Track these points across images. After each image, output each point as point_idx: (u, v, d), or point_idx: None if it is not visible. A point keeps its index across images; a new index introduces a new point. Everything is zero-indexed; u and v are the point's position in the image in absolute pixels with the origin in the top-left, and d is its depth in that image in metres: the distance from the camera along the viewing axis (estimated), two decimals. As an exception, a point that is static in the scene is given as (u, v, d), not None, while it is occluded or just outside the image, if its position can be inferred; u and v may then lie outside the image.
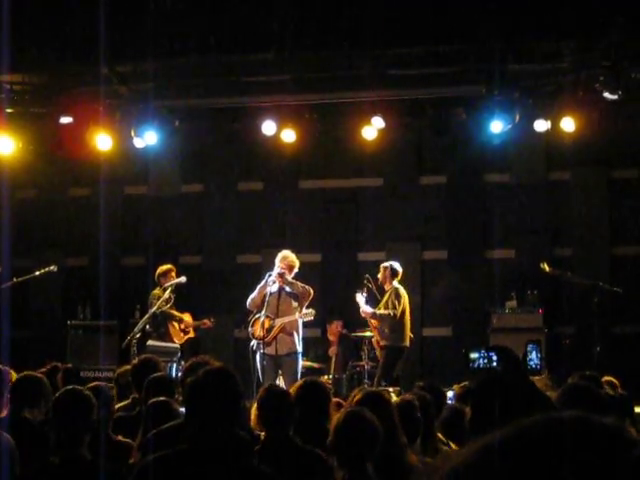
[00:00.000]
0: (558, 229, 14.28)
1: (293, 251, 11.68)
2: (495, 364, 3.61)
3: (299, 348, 11.28)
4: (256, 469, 3.71)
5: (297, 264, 11.47)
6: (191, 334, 12.62)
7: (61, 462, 4.42)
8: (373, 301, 11.97)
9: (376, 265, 12.45)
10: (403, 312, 11.82)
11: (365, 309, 11.89)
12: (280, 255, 11.49)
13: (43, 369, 7.14)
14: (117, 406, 7.19)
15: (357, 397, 4.89)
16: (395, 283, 11.91)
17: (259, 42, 11.91)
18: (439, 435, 5.79)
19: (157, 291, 12.22)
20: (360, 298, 11.93)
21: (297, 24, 11.70)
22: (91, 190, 14.83)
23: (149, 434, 4.87)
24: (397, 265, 12.06)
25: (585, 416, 1.12)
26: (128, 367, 7.62)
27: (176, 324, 12.40)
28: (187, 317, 12.63)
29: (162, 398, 5.16)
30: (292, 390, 5.41)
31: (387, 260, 12.51)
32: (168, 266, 12.46)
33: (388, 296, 11.86)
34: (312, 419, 5.15)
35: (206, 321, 12.79)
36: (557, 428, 1.11)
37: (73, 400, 4.61)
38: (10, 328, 10.69)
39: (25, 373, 6.22)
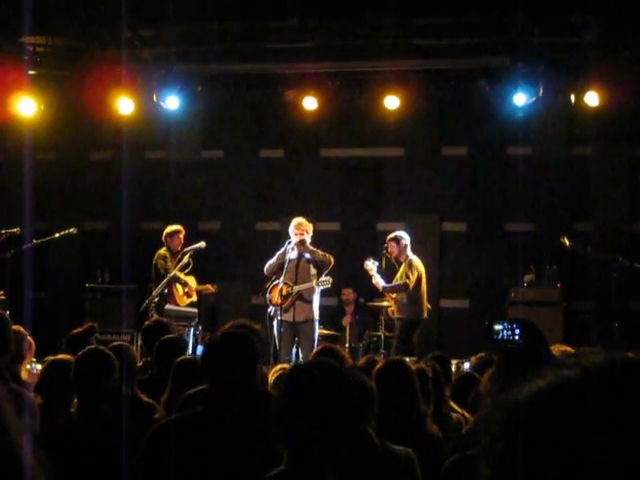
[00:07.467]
0: (578, 204, 14.18)
1: (312, 219, 11.67)
2: (518, 337, 3.61)
3: (316, 315, 11.29)
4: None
5: (311, 229, 11.45)
6: (194, 298, 12.33)
7: (83, 419, 4.46)
8: (392, 273, 11.92)
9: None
10: (419, 284, 11.71)
11: (378, 282, 11.77)
12: (294, 222, 11.47)
13: (80, 329, 6.89)
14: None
15: (379, 365, 4.89)
16: (410, 254, 11.83)
17: (283, 8, 11.85)
18: (451, 403, 5.87)
19: (163, 251, 12.16)
20: (371, 265, 11.78)
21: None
22: (112, 154, 14.83)
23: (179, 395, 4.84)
24: (407, 235, 11.97)
25: None
26: None
27: (180, 287, 12.16)
28: (191, 281, 12.29)
29: (190, 356, 5.15)
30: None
31: (405, 230, 12.36)
32: (177, 227, 12.30)
33: (404, 267, 11.77)
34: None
35: (209, 286, 12.53)
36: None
37: (95, 359, 4.64)
38: (30, 289, 10.75)
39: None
